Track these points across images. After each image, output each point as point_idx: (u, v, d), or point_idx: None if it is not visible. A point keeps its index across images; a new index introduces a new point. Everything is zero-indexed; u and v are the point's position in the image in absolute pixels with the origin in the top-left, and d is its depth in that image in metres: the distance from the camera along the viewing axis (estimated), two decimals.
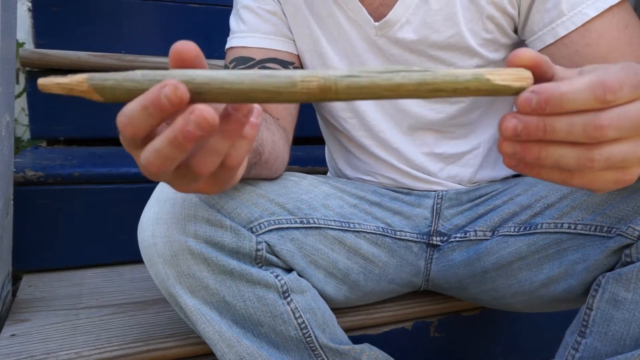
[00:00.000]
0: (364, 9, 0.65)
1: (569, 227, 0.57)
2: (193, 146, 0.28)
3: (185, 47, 0.28)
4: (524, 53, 0.30)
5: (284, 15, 0.69)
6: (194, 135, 0.26)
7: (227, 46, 0.70)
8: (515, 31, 0.64)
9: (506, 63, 0.31)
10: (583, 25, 0.55)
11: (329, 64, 0.69)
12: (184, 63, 0.28)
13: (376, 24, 0.65)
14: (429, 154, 0.71)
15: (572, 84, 0.28)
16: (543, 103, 0.28)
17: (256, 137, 0.47)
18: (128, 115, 0.27)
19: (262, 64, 0.67)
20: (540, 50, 0.60)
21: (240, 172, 0.37)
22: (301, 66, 0.72)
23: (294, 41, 0.70)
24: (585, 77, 0.29)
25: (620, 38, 0.55)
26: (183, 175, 0.31)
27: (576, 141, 0.29)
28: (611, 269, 0.54)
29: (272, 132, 0.60)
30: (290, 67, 0.70)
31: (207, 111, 0.26)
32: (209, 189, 0.33)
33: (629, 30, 0.55)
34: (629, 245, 0.51)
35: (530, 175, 0.32)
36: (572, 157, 0.30)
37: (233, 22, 0.71)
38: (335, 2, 0.66)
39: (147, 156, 0.28)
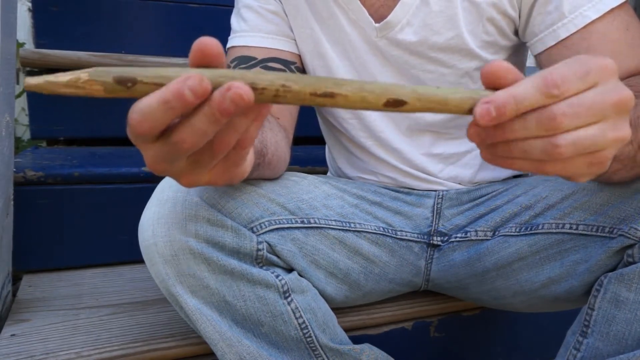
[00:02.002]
0: (364, 10, 0.65)
1: (571, 228, 0.57)
2: (228, 120, 0.28)
3: (209, 43, 0.28)
4: (496, 64, 0.31)
5: (286, 15, 0.69)
6: (229, 111, 0.27)
7: (228, 45, 0.70)
8: (516, 33, 0.64)
9: (481, 73, 0.32)
10: (584, 27, 0.55)
11: (330, 65, 0.69)
12: (206, 59, 0.28)
13: (377, 25, 0.65)
14: (428, 155, 0.71)
15: (520, 85, 0.30)
16: (502, 109, 0.29)
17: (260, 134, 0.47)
18: (145, 110, 0.27)
19: (263, 63, 0.67)
20: (541, 53, 0.60)
21: (248, 165, 0.38)
22: (302, 66, 0.72)
23: (295, 41, 0.70)
24: (531, 77, 0.30)
25: (621, 40, 0.55)
26: (201, 156, 0.31)
27: (537, 135, 0.31)
28: (613, 269, 0.53)
29: (275, 132, 0.60)
30: (292, 66, 0.70)
31: (243, 89, 0.27)
32: (217, 178, 0.33)
33: (630, 32, 0.56)
34: (631, 246, 0.51)
35: (505, 166, 0.33)
36: (537, 147, 0.31)
37: (234, 21, 0.71)
38: (336, 3, 0.66)
39: (181, 132, 0.29)
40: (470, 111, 0.30)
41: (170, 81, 0.27)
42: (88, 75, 0.27)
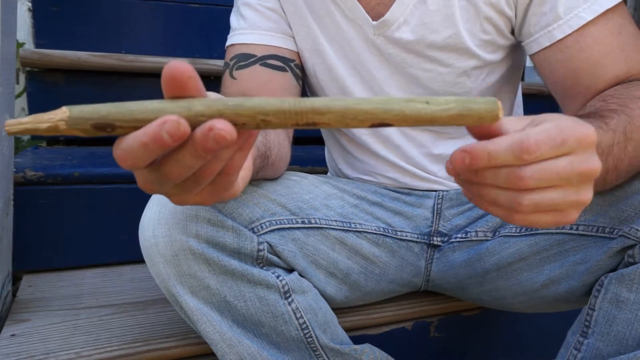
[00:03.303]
0: (361, 7, 0.65)
1: (571, 228, 0.57)
2: (212, 155, 0.28)
3: (179, 68, 0.27)
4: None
5: (284, 12, 0.69)
6: (213, 149, 0.27)
7: (227, 44, 0.71)
8: (513, 32, 0.64)
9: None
10: (579, 29, 0.56)
11: (328, 62, 0.69)
12: (179, 86, 0.27)
13: (374, 23, 0.65)
14: (427, 155, 0.71)
15: (496, 143, 0.31)
16: (474, 161, 0.32)
17: (258, 144, 0.47)
18: (126, 150, 0.28)
19: (263, 60, 0.67)
20: (536, 53, 0.61)
21: (242, 184, 0.38)
22: (301, 63, 0.72)
23: (294, 38, 0.71)
24: (509, 137, 0.31)
25: (613, 44, 0.56)
26: (186, 182, 0.31)
27: (505, 187, 0.33)
28: (613, 269, 0.53)
29: (278, 133, 0.60)
30: (291, 64, 0.70)
31: (225, 130, 0.26)
32: (205, 200, 0.34)
33: (622, 37, 0.56)
34: (631, 246, 0.51)
35: (481, 207, 0.36)
36: (504, 198, 0.33)
37: (233, 19, 0.71)
38: (333, 1, 0.66)
39: (167, 165, 0.29)
40: (459, 125, 0.30)
41: (147, 123, 0.27)
42: (65, 124, 0.27)
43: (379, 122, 0.29)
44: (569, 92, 0.59)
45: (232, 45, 0.69)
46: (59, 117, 0.27)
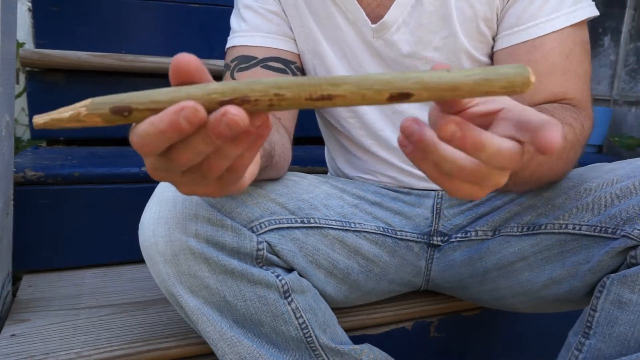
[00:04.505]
0: (361, 9, 0.65)
1: (574, 228, 0.57)
2: (223, 142, 0.28)
3: (187, 60, 0.28)
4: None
5: (285, 15, 0.69)
6: (225, 134, 0.27)
7: (228, 45, 0.70)
8: None
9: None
10: (534, 40, 0.59)
11: (328, 64, 0.69)
12: (186, 77, 0.28)
13: (373, 26, 0.65)
14: None
15: (499, 142, 0.30)
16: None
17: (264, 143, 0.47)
18: (142, 136, 0.28)
19: (264, 62, 0.67)
20: (496, 52, 0.63)
21: (249, 178, 0.38)
22: (302, 65, 0.72)
23: (295, 40, 0.71)
24: (510, 143, 0.30)
25: (558, 64, 0.59)
26: (193, 175, 0.31)
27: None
28: (615, 270, 0.53)
29: (282, 134, 0.61)
30: (292, 66, 0.70)
31: (238, 115, 0.26)
32: (213, 192, 0.34)
33: (569, 59, 0.59)
34: (634, 247, 0.51)
35: (411, 160, 0.34)
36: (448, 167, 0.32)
37: (234, 21, 0.71)
38: (334, 2, 0.66)
39: (178, 150, 0.29)
40: (486, 93, 0.27)
41: (163, 105, 0.27)
42: (86, 109, 0.28)
43: (397, 93, 0.27)
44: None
45: (232, 47, 0.69)
46: (81, 104, 0.28)
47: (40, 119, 0.28)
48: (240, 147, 0.30)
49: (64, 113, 0.28)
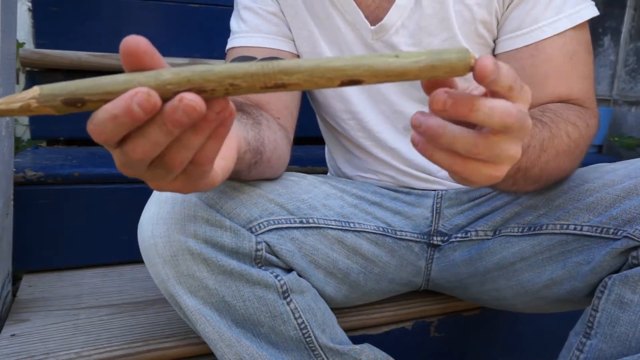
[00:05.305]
0: (360, 12, 0.65)
1: (575, 229, 0.57)
2: (180, 132, 0.28)
3: (136, 42, 0.27)
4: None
5: (284, 16, 0.69)
6: (181, 122, 0.27)
7: (227, 47, 0.71)
8: None
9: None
10: (536, 43, 0.59)
11: None
12: (138, 61, 0.27)
13: (372, 28, 0.65)
14: None
15: (489, 99, 0.31)
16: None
17: (242, 136, 0.47)
18: (97, 124, 0.27)
19: None
20: (497, 55, 0.63)
21: (221, 173, 0.37)
22: None
23: (294, 42, 0.71)
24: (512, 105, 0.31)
25: (562, 66, 0.59)
26: (157, 169, 0.31)
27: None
28: (617, 270, 0.53)
29: (274, 131, 0.60)
30: None
31: (195, 100, 0.26)
32: (181, 188, 0.34)
33: (572, 62, 0.59)
34: (635, 248, 0.51)
35: (424, 155, 0.34)
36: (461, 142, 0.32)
37: (234, 22, 0.71)
38: (333, 4, 0.66)
39: (133, 142, 0.28)
40: (431, 77, 0.29)
41: (116, 96, 0.27)
42: (36, 101, 0.27)
43: (348, 79, 0.28)
44: None
45: (232, 48, 0.69)
46: (30, 95, 0.27)
47: None
48: (200, 136, 0.29)
49: (14, 104, 0.27)
